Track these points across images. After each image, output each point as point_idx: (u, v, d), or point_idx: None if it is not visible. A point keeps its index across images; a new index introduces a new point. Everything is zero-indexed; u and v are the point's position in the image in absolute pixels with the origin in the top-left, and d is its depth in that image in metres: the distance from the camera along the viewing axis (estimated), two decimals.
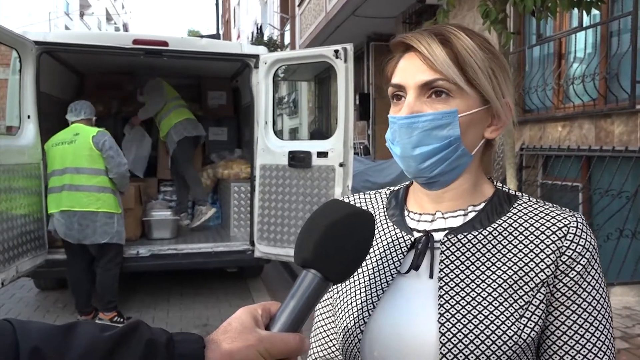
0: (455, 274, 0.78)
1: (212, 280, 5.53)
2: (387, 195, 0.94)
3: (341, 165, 4.16)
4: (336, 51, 4.10)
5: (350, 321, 0.83)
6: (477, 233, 0.80)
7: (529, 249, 0.78)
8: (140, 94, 5.82)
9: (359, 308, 0.83)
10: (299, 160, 4.31)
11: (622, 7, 4.76)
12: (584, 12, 3.35)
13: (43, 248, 4.13)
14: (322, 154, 4.25)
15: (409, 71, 0.79)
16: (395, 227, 0.87)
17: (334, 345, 0.92)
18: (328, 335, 0.92)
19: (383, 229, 0.89)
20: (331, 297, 0.92)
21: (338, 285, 0.88)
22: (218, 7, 19.68)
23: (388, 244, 0.87)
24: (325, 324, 0.93)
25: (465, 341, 0.73)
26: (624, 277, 4.22)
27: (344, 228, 0.69)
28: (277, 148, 4.47)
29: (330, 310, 0.92)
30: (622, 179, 4.45)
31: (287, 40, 16.95)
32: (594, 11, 3.55)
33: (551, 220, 0.79)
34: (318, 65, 5.24)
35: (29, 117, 4.05)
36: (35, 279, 5.00)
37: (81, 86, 6.35)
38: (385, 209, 0.92)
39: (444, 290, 0.77)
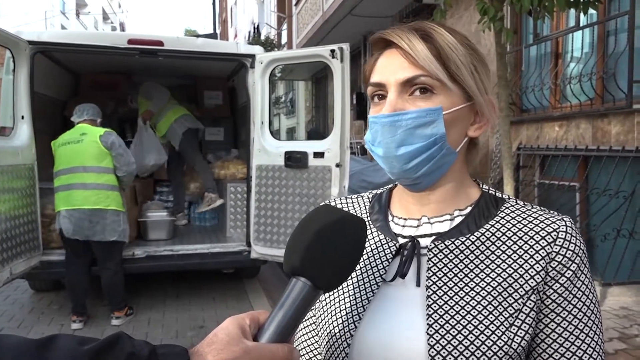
0: (443, 282, 0.76)
1: (208, 282, 5.51)
2: (370, 199, 0.91)
3: (338, 165, 4.14)
4: (332, 51, 4.08)
5: (335, 333, 0.80)
6: (464, 239, 0.78)
7: (517, 254, 0.76)
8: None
9: (344, 320, 0.80)
10: (295, 160, 4.28)
11: (619, 7, 4.75)
12: (581, 11, 3.34)
13: (37, 249, 4.10)
14: (319, 155, 4.23)
15: (389, 68, 0.76)
16: (379, 233, 0.85)
17: (317, 358, 0.88)
18: (310, 345, 0.89)
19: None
20: (314, 306, 0.88)
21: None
22: (215, 6, 19.65)
23: (372, 250, 0.84)
24: (308, 336, 0.89)
25: (455, 353, 0.71)
26: (621, 277, 4.21)
27: (334, 234, 0.67)
28: (274, 148, 4.45)
29: (311, 319, 0.89)
30: (619, 178, 4.44)
31: (284, 39, 16.92)
32: (591, 10, 3.53)
33: (540, 225, 0.77)
34: (315, 64, 5.25)
35: (22, 117, 4.01)
36: (29, 280, 4.96)
37: (76, 86, 6.32)
38: (368, 214, 0.89)
39: (432, 300, 0.75)
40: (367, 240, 0.84)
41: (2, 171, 3.62)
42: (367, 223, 0.86)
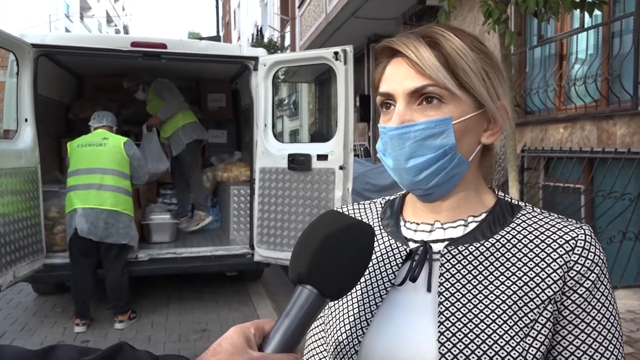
0: (456, 288, 0.74)
1: (211, 285, 5.49)
2: (382, 205, 0.90)
3: (341, 168, 4.13)
4: (336, 53, 4.07)
5: (343, 339, 0.78)
6: (479, 245, 0.76)
7: (534, 262, 0.73)
8: (143, 91, 5.72)
9: (352, 325, 0.78)
10: (298, 163, 4.27)
11: (624, 8, 4.73)
12: (586, 13, 3.32)
13: (41, 253, 4.09)
14: (322, 157, 4.21)
15: (396, 78, 0.75)
16: (390, 238, 0.83)
17: None
18: (320, 353, 0.87)
19: (377, 240, 0.84)
20: (323, 314, 0.87)
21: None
22: (218, 9, 19.69)
23: (382, 254, 0.82)
24: (318, 343, 0.88)
25: None
26: (627, 280, 4.18)
27: (342, 241, 0.65)
28: (277, 151, 4.44)
29: (321, 326, 0.88)
30: (624, 181, 4.41)
31: (287, 42, 16.93)
32: (596, 12, 3.51)
33: (557, 233, 0.75)
34: (318, 67, 5.21)
35: (26, 120, 4.01)
36: (33, 283, 4.95)
37: (80, 89, 6.33)
38: (379, 219, 0.87)
39: (444, 307, 0.73)
40: (377, 245, 0.82)
41: (5, 174, 3.62)
42: (378, 228, 0.85)
